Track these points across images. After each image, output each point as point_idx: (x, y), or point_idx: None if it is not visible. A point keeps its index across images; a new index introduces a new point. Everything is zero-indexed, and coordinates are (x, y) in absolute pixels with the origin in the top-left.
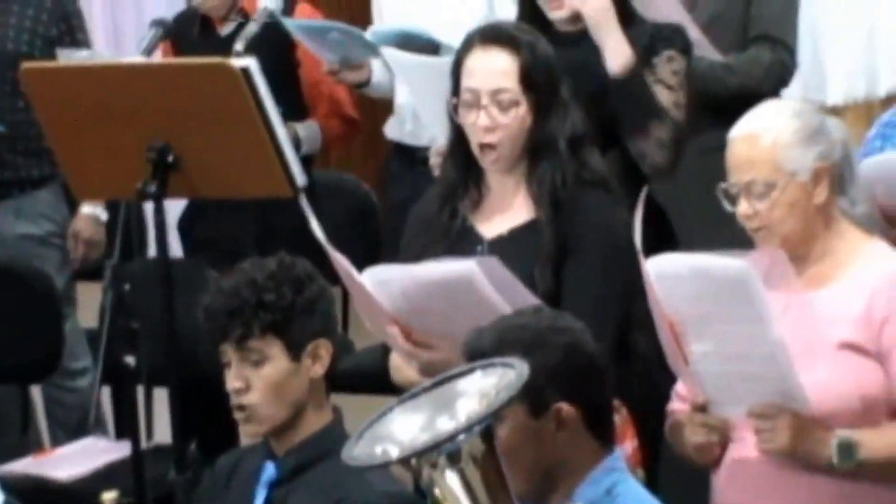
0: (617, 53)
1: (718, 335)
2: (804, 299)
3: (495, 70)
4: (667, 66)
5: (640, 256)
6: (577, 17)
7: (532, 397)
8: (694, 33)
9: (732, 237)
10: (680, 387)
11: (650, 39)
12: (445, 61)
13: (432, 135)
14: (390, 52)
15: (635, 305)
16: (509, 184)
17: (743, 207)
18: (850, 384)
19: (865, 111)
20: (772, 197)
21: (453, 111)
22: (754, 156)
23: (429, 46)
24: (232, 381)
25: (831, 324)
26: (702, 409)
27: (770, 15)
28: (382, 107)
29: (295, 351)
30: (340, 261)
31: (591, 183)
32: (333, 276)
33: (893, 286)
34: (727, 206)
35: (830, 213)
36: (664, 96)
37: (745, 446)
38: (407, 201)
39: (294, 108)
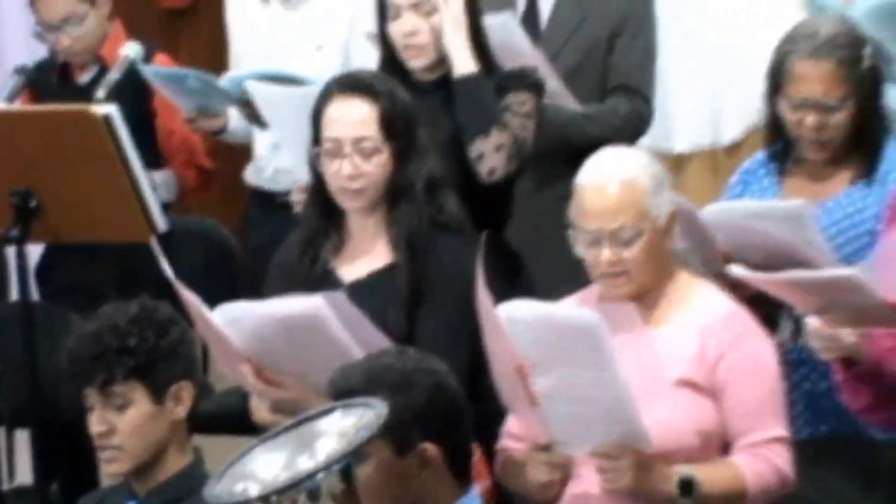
0: (463, 60)
1: (566, 379)
2: (642, 339)
3: (356, 119)
4: (515, 98)
5: (483, 296)
6: (434, 66)
7: (398, 437)
8: (553, 83)
9: (587, 281)
10: (511, 425)
11: (501, 80)
12: (311, 91)
13: (296, 174)
14: (255, 86)
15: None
16: (369, 228)
17: (606, 255)
18: (689, 422)
19: (710, 159)
20: (638, 243)
21: (315, 160)
22: (620, 202)
23: (289, 83)
24: (95, 426)
25: (668, 363)
26: (544, 448)
27: (628, 66)
28: (242, 153)
29: (158, 394)
30: (192, 300)
31: (446, 226)
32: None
33: (725, 327)
34: (581, 251)
35: (670, 256)
36: (511, 120)
37: (584, 482)
38: (266, 245)
39: (150, 157)
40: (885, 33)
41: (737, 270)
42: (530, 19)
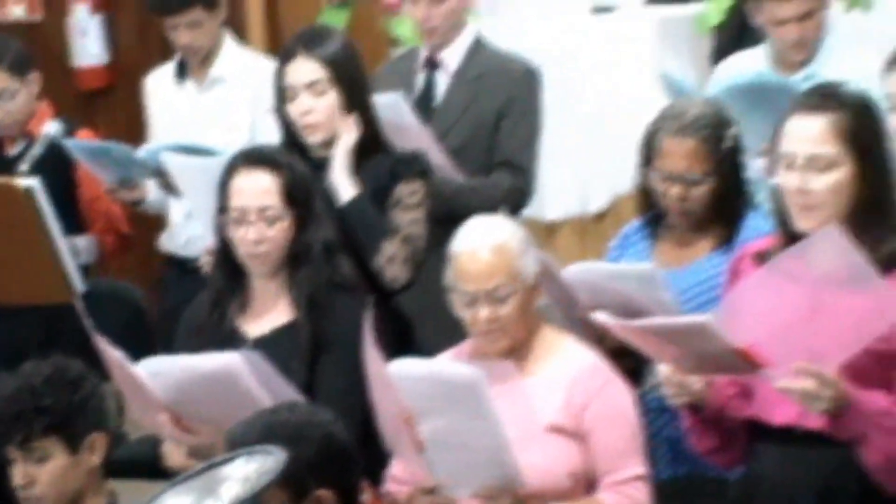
0: (345, 188)
1: (450, 428)
2: (516, 389)
3: (260, 189)
4: (405, 188)
5: (371, 352)
6: (329, 143)
7: (293, 486)
8: (438, 159)
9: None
10: (395, 470)
11: (393, 164)
12: (221, 162)
13: (207, 240)
14: (169, 157)
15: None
16: (272, 289)
17: (484, 313)
18: (559, 464)
19: (579, 226)
20: (511, 302)
21: (221, 227)
22: (493, 265)
23: (201, 155)
24: (17, 478)
25: (539, 411)
26: (429, 490)
27: (513, 145)
28: (156, 221)
29: (74, 446)
30: (113, 355)
31: (342, 286)
32: (108, 374)
33: (590, 376)
34: (460, 311)
35: (536, 311)
36: (401, 216)
37: None
38: (178, 307)
39: (74, 223)
40: (735, 111)
41: (600, 317)
42: (426, 99)
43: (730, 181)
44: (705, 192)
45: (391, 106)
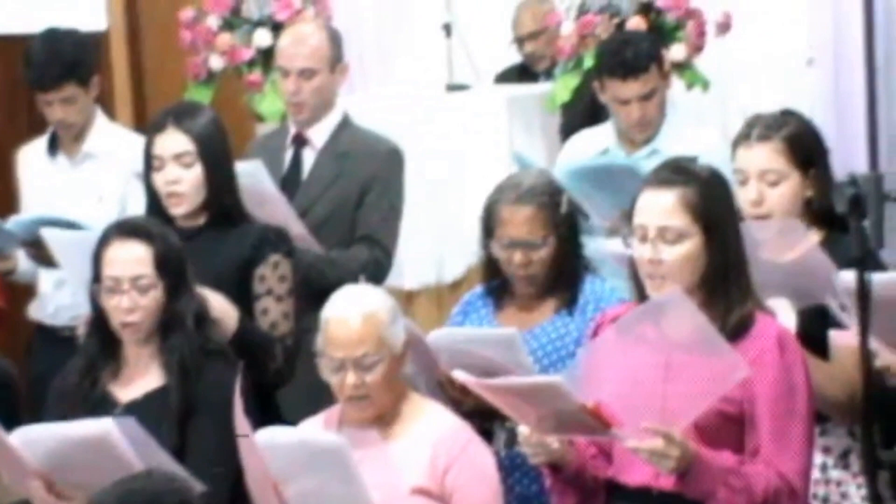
0: (229, 321)
1: (316, 493)
2: (381, 454)
3: (133, 259)
4: (274, 274)
5: (239, 418)
6: (194, 215)
7: None
8: (298, 229)
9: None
10: None
11: (258, 242)
12: (97, 234)
13: (79, 310)
14: (48, 231)
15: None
16: (144, 355)
17: (351, 379)
18: None
19: (436, 294)
20: (378, 370)
21: (95, 295)
22: (363, 333)
23: (68, 228)
24: None
25: (404, 473)
26: None
27: (374, 220)
28: (25, 290)
29: None
30: None
31: (212, 353)
32: None
33: (452, 440)
34: (328, 377)
35: (400, 379)
36: (274, 309)
37: None
38: (46, 375)
39: None
40: (581, 192)
41: (459, 374)
42: (294, 174)
43: (568, 244)
44: (546, 255)
45: (251, 174)
